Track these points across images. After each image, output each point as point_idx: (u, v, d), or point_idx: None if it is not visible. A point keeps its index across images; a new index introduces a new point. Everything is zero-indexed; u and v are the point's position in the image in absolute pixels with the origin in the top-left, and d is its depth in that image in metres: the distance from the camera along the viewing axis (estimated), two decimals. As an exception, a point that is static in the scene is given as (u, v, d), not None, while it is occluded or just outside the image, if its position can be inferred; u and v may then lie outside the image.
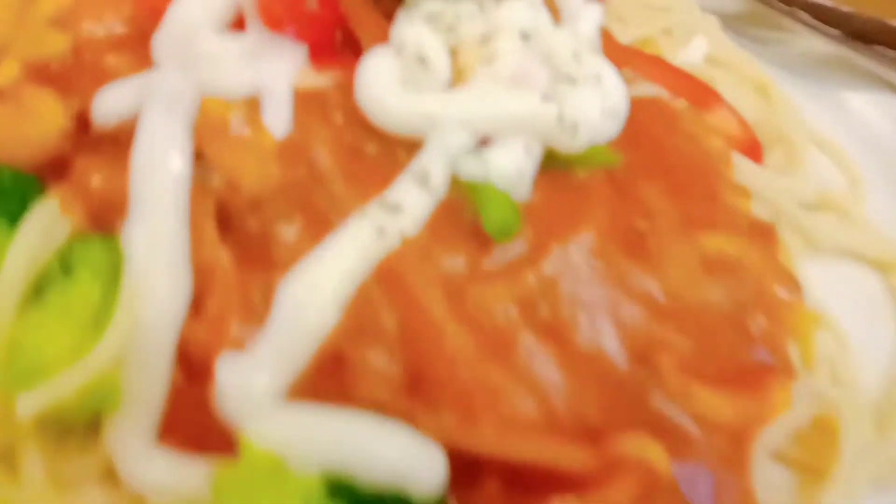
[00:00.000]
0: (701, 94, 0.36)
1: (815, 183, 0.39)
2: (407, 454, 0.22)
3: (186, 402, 0.23)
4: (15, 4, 0.28)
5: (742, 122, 0.37)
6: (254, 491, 0.20)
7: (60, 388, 0.21)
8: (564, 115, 0.27)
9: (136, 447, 0.22)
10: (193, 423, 0.22)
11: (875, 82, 0.47)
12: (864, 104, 0.46)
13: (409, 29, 0.28)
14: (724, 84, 0.42)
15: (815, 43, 0.48)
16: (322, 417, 0.22)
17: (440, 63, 0.28)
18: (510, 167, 0.27)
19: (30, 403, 0.20)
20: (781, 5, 0.48)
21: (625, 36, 0.39)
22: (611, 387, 0.26)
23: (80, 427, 0.22)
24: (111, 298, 0.22)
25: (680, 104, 0.36)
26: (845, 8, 0.50)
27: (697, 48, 0.42)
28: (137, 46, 0.27)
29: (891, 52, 0.48)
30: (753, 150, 0.37)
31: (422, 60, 0.27)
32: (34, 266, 0.22)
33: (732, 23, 0.51)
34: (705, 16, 0.48)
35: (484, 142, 0.28)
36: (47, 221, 0.23)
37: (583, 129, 0.28)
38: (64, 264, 0.23)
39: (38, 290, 0.22)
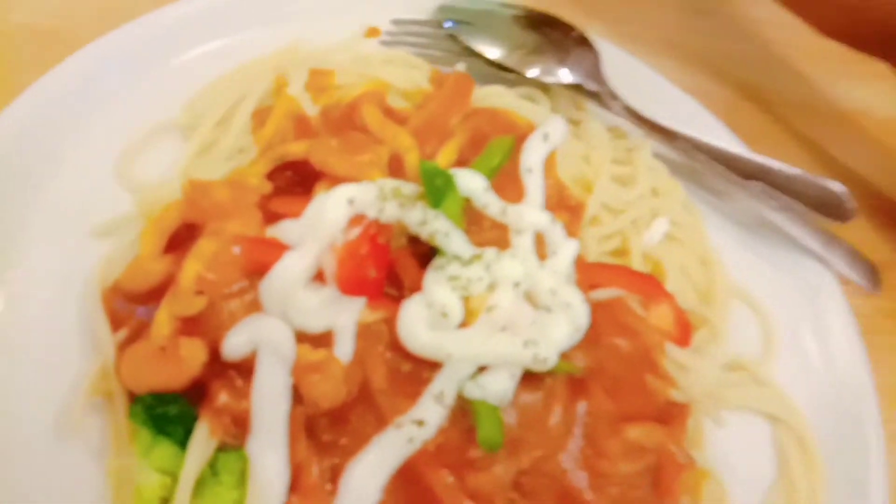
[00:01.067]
0: (650, 289, 0.49)
1: (732, 351, 0.52)
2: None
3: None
4: (162, 266, 0.41)
5: (679, 313, 0.49)
6: None
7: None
8: (539, 354, 0.40)
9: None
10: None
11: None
12: (790, 264, 0.59)
13: (437, 290, 0.41)
14: (674, 257, 0.54)
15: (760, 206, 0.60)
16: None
17: (456, 315, 0.41)
18: (499, 389, 0.40)
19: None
20: (738, 178, 0.59)
21: (599, 234, 0.51)
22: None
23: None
24: (244, 491, 0.36)
25: (633, 300, 0.49)
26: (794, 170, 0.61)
27: (658, 230, 0.54)
28: (248, 293, 0.41)
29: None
30: (685, 333, 0.50)
31: (444, 314, 0.40)
32: (197, 473, 0.36)
33: (696, 176, 0.62)
34: (671, 180, 0.59)
35: (481, 369, 0.41)
36: (203, 443, 0.37)
37: (551, 360, 0.41)
38: (213, 469, 0.37)
39: (198, 486, 0.36)
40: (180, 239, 0.42)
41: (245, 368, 0.39)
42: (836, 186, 0.60)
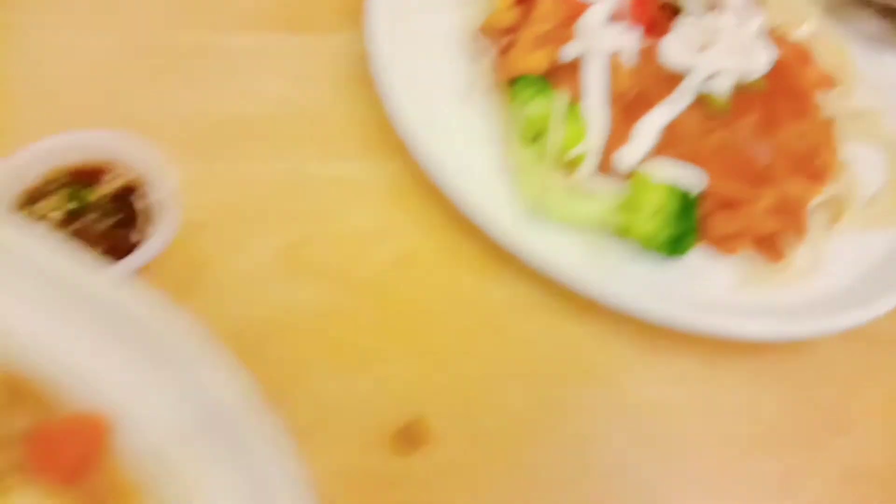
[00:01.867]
0: (805, 56, 0.74)
1: (859, 101, 0.76)
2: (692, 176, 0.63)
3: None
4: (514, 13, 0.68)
5: (823, 71, 0.74)
6: (644, 188, 0.61)
7: (574, 153, 0.62)
8: (748, 68, 0.66)
9: (589, 175, 0.63)
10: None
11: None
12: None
13: (685, 28, 0.67)
14: (816, 48, 0.78)
15: (876, 23, 0.84)
16: (660, 163, 0.62)
17: (695, 44, 0.66)
18: (724, 87, 0.66)
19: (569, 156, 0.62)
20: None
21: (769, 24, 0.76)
22: (757, 173, 0.66)
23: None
24: (581, 133, 0.63)
25: (794, 60, 0.73)
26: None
27: (805, 29, 0.79)
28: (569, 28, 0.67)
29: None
30: (829, 84, 0.74)
31: (687, 43, 0.66)
32: (563, 111, 0.63)
33: (827, 9, 0.86)
34: (807, 7, 0.84)
35: (712, 75, 0.67)
36: (561, 98, 0.64)
37: (754, 74, 0.67)
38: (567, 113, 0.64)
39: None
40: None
41: (575, 66, 0.65)
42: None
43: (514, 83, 0.66)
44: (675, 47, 0.67)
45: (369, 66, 0.64)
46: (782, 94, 0.70)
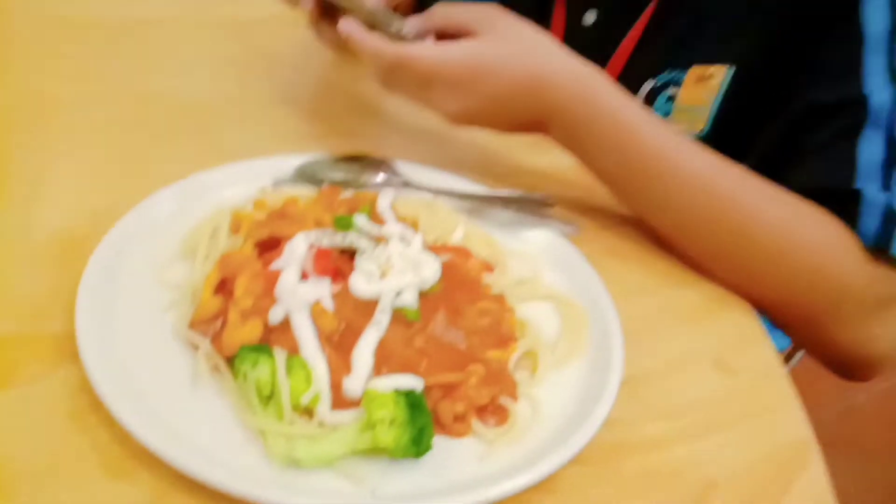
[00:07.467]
0: (464, 253, 0.93)
1: (516, 272, 0.97)
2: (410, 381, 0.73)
3: (339, 393, 0.72)
4: (218, 301, 0.76)
5: (482, 260, 0.93)
6: (374, 403, 0.69)
7: (308, 397, 0.69)
8: (424, 278, 0.81)
9: (327, 412, 0.70)
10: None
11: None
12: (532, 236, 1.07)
13: (363, 263, 0.80)
14: (471, 245, 0.99)
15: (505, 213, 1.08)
16: (382, 380, 0.72)
17: (376, 274, 0.81)
18: (411, 299, 0.80)
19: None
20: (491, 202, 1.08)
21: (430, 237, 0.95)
22: (461, 355, 0.79)
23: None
24: (308, 377, 0.71)
25: (457, 259, 0.92)
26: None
27: (458, 234, 0.99)
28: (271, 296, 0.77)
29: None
30: (489, 268, 0.94)
31: (371, 274, 0.80)
32: (284, 367, 0.70)
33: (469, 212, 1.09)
34: (453, 216, 1.06)
35: (399, 293, 0.81)
36: (281, 353, 0.71)
37: (430, 281, 0.82)
38: (290, 365, 0.71)
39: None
40: (221, 287, 0.78)
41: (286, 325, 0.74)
42: (539, 195, 1.10)
43: (234, 358, 0.72)
44: (360, 282, 0.80)
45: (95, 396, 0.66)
46: (456, 288, 0.86)
